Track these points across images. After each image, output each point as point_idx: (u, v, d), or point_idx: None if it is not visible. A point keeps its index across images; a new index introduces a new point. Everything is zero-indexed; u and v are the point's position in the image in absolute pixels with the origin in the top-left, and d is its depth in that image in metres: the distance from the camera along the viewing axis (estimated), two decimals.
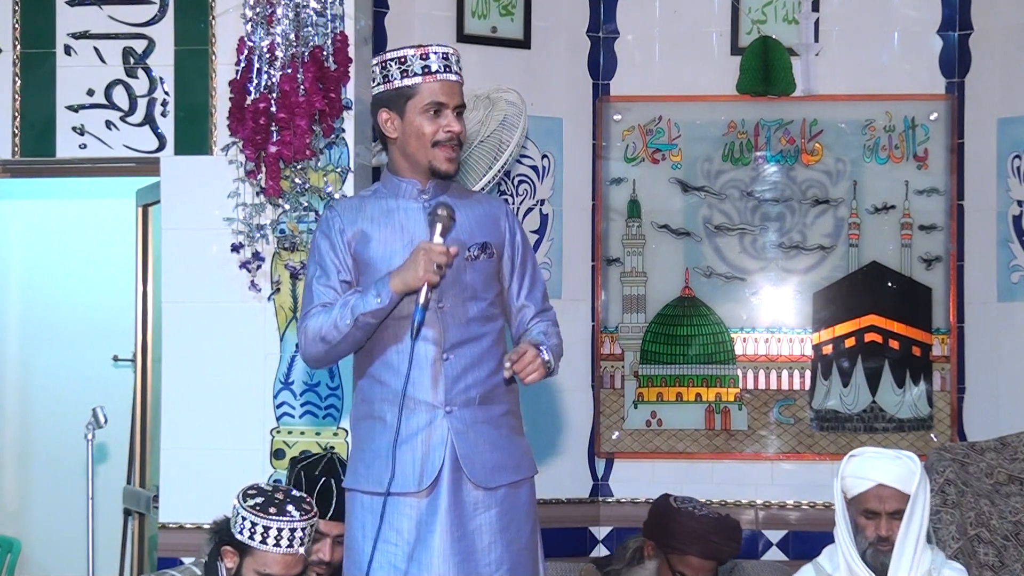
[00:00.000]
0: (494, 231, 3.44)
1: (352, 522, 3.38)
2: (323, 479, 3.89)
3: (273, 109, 4.29)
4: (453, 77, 3.36)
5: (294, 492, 3.75)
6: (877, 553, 3.65)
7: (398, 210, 3.37)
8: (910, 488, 3.64)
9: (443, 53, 3.35)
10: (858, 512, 3.69)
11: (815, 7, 5.29)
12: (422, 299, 3.20)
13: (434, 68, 3.33)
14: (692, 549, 4.30)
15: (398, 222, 3.35)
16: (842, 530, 3.73)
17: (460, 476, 3.30)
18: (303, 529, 3.63)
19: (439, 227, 3.25)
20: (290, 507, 3.63)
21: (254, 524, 3.60)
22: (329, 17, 4.35)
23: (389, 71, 3.35)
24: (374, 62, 3.41)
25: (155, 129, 4.62)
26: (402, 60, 3.34)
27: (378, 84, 3.39)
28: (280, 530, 3.59)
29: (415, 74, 3.33)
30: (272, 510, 3.61)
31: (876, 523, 3.66)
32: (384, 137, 3.42)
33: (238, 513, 3.63)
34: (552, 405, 5.11)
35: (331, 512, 3.84)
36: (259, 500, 3.64)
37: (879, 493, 3.66)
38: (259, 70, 4.32)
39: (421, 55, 3.33)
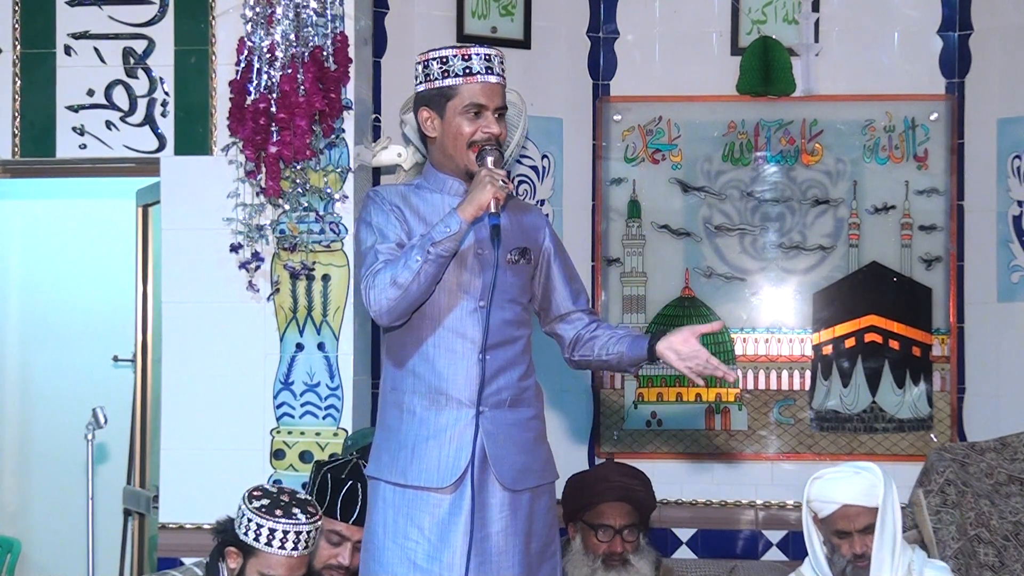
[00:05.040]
0: (534, 240, 3.46)
1: (373, 515, 3.37)
2: (349, 482, 3.87)
3: (273, 109, 4.29)
4: (494, 79, 3.33)
5: (299, 495, 3.75)
6: (856, 570, 3.68)
7: (443, 204, 3.35)
8: (875, 501, 3.66)
9: (485, 55, 3.32)
10: (830, 533, 3.72)
11: (815, 7, 5.28)
12: (494, 208, 3.19)
13: (475, 69, 3.30)
14: (598, 498, 4.23)
15: (440, 216, 3.30)
16: (813, 551, 3.75)
17: (486, 477, 3.29)
18: (308, 532, 3.63)
19: (490, 159, 3.26)
20: (296, 510, 3.64)
21: (259, 526, 3.60)
22: (329, 17, 4.35)
23: (431, 70, 3.33)
24: (417, 60, 3.39)
25: (155, 129, 4.62)
26: (443, 60, 3.32)
27: (420, 82, 3.37)
28: (285, 532, 3.59)
29: (456, 75, 3.31)
30: (278, 512, 3.61)
31: (849, 542, 3.69)
32: (424, 135, 3.42)
33: (243, 514, 3.63)
34: (552, 405, 5.11)
35: (355, 516, 3.83)
36: (265, 502, 3.64)
37: (846, 513, 3.68)
38: (259, 70, 4.31)
39: (463, 56, 3.31)
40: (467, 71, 3.31)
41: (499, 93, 3.35)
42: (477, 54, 3.32)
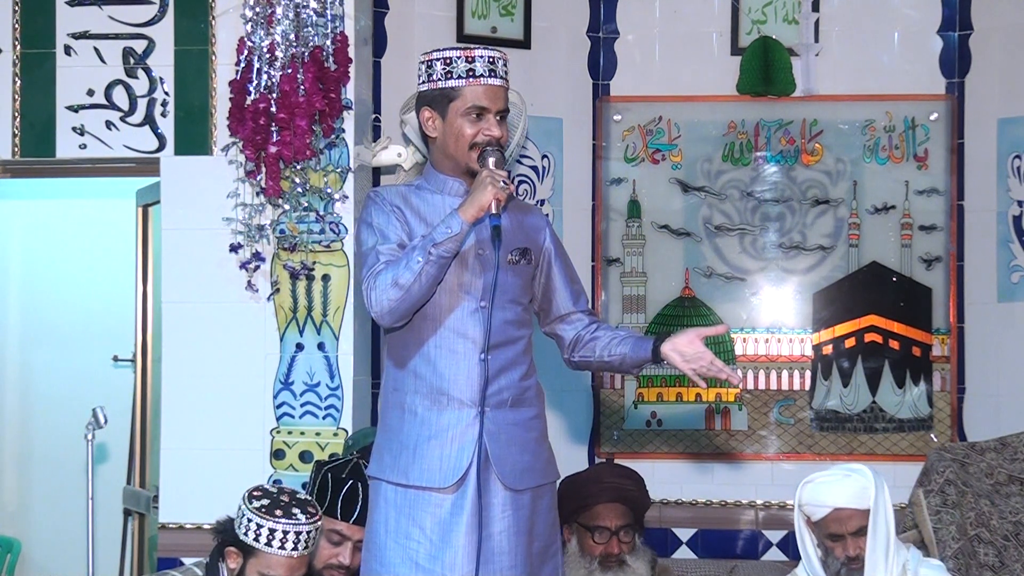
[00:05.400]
0: (534, 241, 3.47)
1: (375, 515, 3.37)
2: (350, 482, 3.87)
3: (273, 109, 4.29)
4: (497, 81, 3.34)
5: (299, 495, 3.74)
6: (850, 572, 3.68)
7: (443, 205, 3.35)
8: (867, 503, 3.65)
9: (489, 57, 3.33)
10: (823, 536, 3.72)
11: (815, 7, 5.29)
12: (495, 209, 3.20)
13: (478, 71, 3.31)
14: (593, 499, 4.25)
15: (440, 217, 3.30)
16: (807, 555, 3.75)
17: (489, 477, 3.29)
18: (308, 532, 3.63)
19: (492, 160, 3.26)
20: (296, 510, 3.63)
21: (259, 526, 3.60)
22: (329, 17, 4.35)
23: (434, 70, 3.34)
24: (420, 59, 3.39)
25: (155, 129, 4.62)
26: (447, 61, 3.32)
27: (423, 82, 3.37)
28: (285, 533, 3.59)
29: (459, 76, 3.31)
30: (278, 512, 3.61)
31: (842, 545, 3.69)
32: (425, 135, 3.42)
33: (243, 515, 3.63)
34: (552, 405, 5.11)
35: (355, 516, 3.83)
36: (265, 502, 3.63)
37: (838, 516, 3.68)
38: (259, 70, 4.31)
39: (466, 58, 3.32)
40: (470, 73, 3.31)
41: (501, 96, 3.36)
42: (481, 56, 3.33)
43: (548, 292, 3.52)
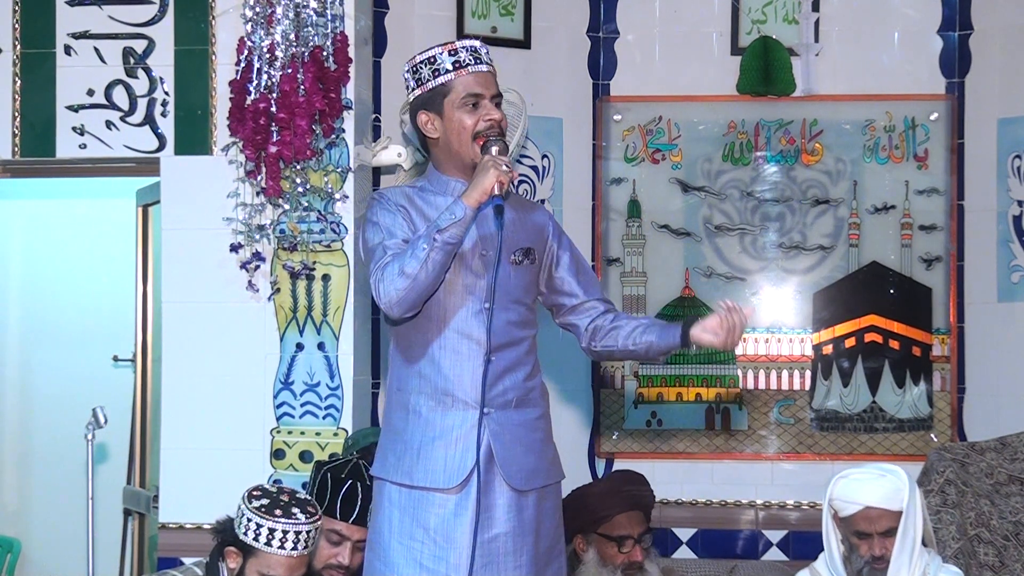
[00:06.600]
0: (538, 239, 3.47)
1: (378, 516, 3.37)
2: (349, 482, 3.87)
3: (273, 109, 4.29)
4: (484, 68, 3.35)
5: (299, 494, 3.75)
6: (873, 571, 3.67)
7: (446, 206, 3.36)
8: (899, 505, 3.65)
9: (471, 47, 3.35)
10: (850, 532, 3.71)
11: (815, 7, 5.29)
12: (497, 191, 3.19)
13: (464, 61, 3.32)
14: (614, 509, 4.29)
15: None
16: (830, 550, 3.74)
17: (493, 477, 3.29)
18: (308, 532, 3.63)
19: (495, 149, 3.26)
20: (295, 510, 3.64)
21: (259, 526, 3.60)
22: (329, 17, 4.35)
23: (421, 74, 3.35)
24: (404, 68, 3.40)
25: (155, 129, 4.62)
26: (431, 60, 3.33)
27: (412, 89, 3.38)
28: (285, 532, 3.59)
29: (446, 71, 3.32)
30: (278, 512, 3.61)
31: (869, 543, 3.68)
32: (425, 139, 3.42)
33: (243, 514, 3.63)
34: (552, 405, 5.10)
35: (355, 516, 3.83)
36: (264, 502, 3.64)
37: (867, 515, 3.67)
38: (259, 70, 4.31)
39: (449, 51, 3.33)
40: (456, 64, 3.33)
41: (492, 81, 3.37)
42: (463, 47, 3.35)
43: (558, 284, 3.51)
